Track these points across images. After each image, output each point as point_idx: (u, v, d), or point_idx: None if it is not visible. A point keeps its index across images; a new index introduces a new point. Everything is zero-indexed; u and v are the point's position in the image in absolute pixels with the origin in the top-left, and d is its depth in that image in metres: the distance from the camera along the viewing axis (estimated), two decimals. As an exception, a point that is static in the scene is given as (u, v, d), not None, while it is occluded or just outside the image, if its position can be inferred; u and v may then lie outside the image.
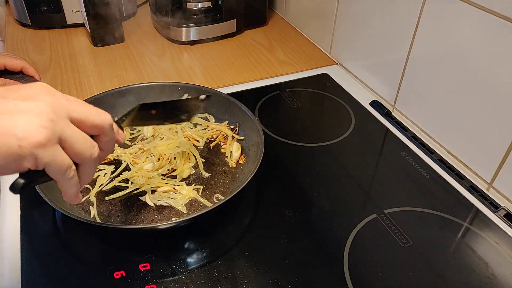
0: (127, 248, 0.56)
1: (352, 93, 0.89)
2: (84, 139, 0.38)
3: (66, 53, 1.00)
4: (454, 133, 0.71)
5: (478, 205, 0.64)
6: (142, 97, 0.76)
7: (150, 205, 0.61)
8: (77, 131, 0.37)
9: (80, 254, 0.56)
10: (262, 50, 1.04)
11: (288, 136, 0.77)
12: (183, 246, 0.57)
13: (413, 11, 0.73)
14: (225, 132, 0.73)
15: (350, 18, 0.91)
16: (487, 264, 0.56)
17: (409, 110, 0.81)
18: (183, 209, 0.60)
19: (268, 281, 0.52)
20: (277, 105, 0.86)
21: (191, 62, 0.98)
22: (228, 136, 0.72)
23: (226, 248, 0.57)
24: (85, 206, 0.61)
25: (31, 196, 0.60)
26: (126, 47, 1.03)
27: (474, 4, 0.61)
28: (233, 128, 0.74)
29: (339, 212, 0.63)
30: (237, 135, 0.73)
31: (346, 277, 0.53)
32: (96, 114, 0.39)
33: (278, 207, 0.63)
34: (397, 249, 0.57)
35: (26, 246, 0.56)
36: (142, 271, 0.53)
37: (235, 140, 0.72)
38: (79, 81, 0.90)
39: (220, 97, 0.75)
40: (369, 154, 0.74)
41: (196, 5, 1.03)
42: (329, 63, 1.00)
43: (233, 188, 0.64)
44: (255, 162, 0.61)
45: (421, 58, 0.74)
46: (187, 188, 0.63)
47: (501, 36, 0.59)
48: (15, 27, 1.11)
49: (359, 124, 0.80)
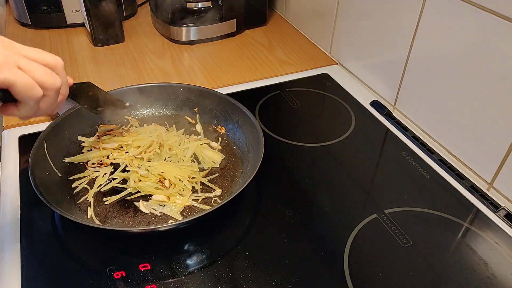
0: (127, 248, 0.56)
1: (352, 93, 0.89)
2: (44, 70, 0.44)
3: (66, 53, 1.00)
4: (454, 133, 0.71)
5: (478, 205, 0.64)
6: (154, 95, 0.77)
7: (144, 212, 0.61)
8: (35, 64, 0.43)
9: (80, 254, 0.56)
10: (262, 50, 1.04)
11: (288, 136, 0.77)
12: (183, 246, 0.57)
13: (414, 11, 0.73)
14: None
15: (350, 18, 0.91)
16: (487, 264, 0.56)
17: (409, 110, 0.80)
18: (178, 217, 0.60)
19: (268, 281, 0.52)
20: (277, 105, 0.86)
21: (191, 62, 0.98)
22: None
23: (226, 248, 0.57)
24: (83, 207, 0.61)
25: (31, 197, 0.60)
26: (126, 47, 1.03)
27: (474, 4, 0.61)
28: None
29: (339, 212, 0.62)
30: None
31: (346, 277, 0.53)
32: (48, 54, 0.45)
33: (278, 207, 0.63)
34: (397, 249, 0.57)
35: (26, 246, 0.56)
36: (142, 271, 0.53)
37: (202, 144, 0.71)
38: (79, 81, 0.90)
39: (220, 97, 0.74)
40: (369, 154, 0.74)
41: (196, 5, 1.03)
42: (329, 63, 1.00)
43: (232, 191, 0.64)
44: (255, 164, 0.61)
45: (421, 58, 0.74)
46: (182, 198, 0.62)
47: (501, 36, 0.59)
48: (15, 27, 1.11)
49: (359, 124, 0.80)
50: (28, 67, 0.43)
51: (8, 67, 0.41)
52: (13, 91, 0.42)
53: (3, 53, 0.41)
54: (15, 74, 0.41)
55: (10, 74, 0.41)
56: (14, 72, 0.41)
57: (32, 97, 0.43)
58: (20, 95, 0.42)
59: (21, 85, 0.41)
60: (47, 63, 0.45)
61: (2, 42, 0.43)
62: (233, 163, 0.69)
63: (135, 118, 0.76)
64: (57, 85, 0.45)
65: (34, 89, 0.43)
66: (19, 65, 0.42)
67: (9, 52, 0.42)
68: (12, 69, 0.41)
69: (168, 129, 0.74)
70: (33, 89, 0.43)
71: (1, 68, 0.40)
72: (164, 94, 0.77)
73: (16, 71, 0.42)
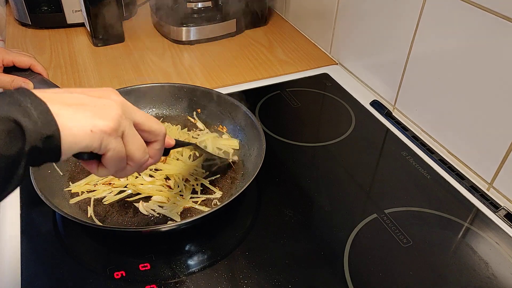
0: (127, 248, 0.56)
1: (352, 93, 0.89)
2: (140, 144, 0.42)
3: (66, 53, 1.00)
4: (454, 133, 0.71)
5: (478, 205, 0.64)
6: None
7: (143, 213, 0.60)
8: (137, 134, 0.41)
9: (80, 254, 0.56)
10: (262, 50, 1.04)
11: (288, 136, 0.77)
12: (184, 246, 0.57)
13: (413, 10, 0.73)
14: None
15: (350, 18, 0.91)
16: (487, 264, 0.56)
17: (409, 110, 0.80)
18: (177, 218, 0.59)
19: (268, 281, 0.52)
20: (277, 105, 0.86)
21: (191, 62, 0.98)
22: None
23: (226, 248, 0.57)
24: (82, 206, 0.61)
25: (31, 196, 0.60)
26: (126, 47, 1.03)
27: (474, 4, 0.61)
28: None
29: (340, 212, 0.62)
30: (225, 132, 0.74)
31: (346, 277, 0.53)
32: (154, 121, 0.43)
33: (278, 207, 0.63)
34: (397, 249, 0.57)
35: (26, 246, 0.56)
36: (142, 271, 0.53)
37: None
38: (79, 81, 0.90)
39: (224, 98, 0.74)
40: (369, 154, 0.74)
41: (196, 5, 1.03)
42: (329, 63, 1.00)
43: (232, 193, 0.64)
44: (255, 167, 0.60)
45: (421, 58, 0.74)
46: (182, 200, 0.62)
47: (501, 36, 0.59)
48: (15, 27, 1.11)
49: (360, 124, 0.80)
50: (130, 138, 0.40)
51: (115, 134, 0.38)
52: (102, 156, 0.39)
53: (117, 115, 0.38)
54: (115, 144, 0.39)
55: (112, 143, 0.38)
56: (117, 142, 0.39)
57: (115, 167, 0.41)
58: (105, 162, 0.40)
59: (112, 155, 0.39)
60: (152, 130, 0.43)
61: (119, 98, 0.40)
62: (234, 164, 0.69)
63: None
64: (143, 162, 0.43)
65: (121, 161, 0.41)
66: (124, 133, 0.39)
67: (124, 114, 0.39)
68: (117, 138, 0.39)
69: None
70: (120, 161, 0.40)
71: (110, 134, 0.37)
72: (167, 94, 0.77)
73: (118, 141, 0.39)
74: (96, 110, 0.37)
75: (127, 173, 0.43)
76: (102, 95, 0.39)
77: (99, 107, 0.38)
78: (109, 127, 0.37)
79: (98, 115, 0.37)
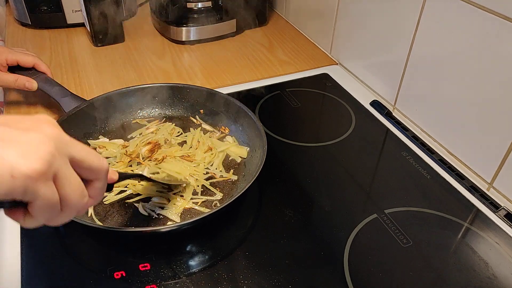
0: (127, 248, 0.56)
1: (352, 93, 0.89)
2: (77, 185, 0.35)
3: (66, 53, 1.00)
4: (454, 133, 0.71)
5: (478, 205, 0.64)
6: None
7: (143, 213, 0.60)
8: (74, 174, 0.35)
9: (80, 254, 0.56)
10: (262, 50, 1.04)
11: (288, 136, 0.77)
12: (184, 246, 0.57)
13: (414, 10, 0.73)
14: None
15: (351, 18, 0.91)
16: (487, 264, 0.56)
17: (409, 110, 0.80)
18: (177, 219, 0.59)
19: (268, 281, 0.52)
20: (277, 105, 0.86)
21: (191, 62, 0.98)
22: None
23: (226, 248, 0.57)
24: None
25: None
26: (126, 47, 1.03)
27: (475, 4, 0.61)
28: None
29: (340, 212, 0.62)
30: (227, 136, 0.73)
31: (346, 277, 0.53)
32: (95, 157, 0.37)
33: (278, 207, 0.63)
34: (397, 249, 0.57)
35: (26, 246, 0.56)
36: (142, 271, 0.53)
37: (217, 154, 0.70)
38: (79, 81, 0.90)
39: (227, 99, 0.74)
40: (369, 154, 0.74)
41: (196, 5, 1.03)
42: (329, 63, 1.00)
43: (232, 194, 0.64)
44: (256, 168, 0.60)
45: (421, 58, 0.74)
46: (182, 200, 0.62)
47: (501, 36, 0.59)
48: (15, 26, 1.11)
49: (360, 124, 0.80)
50: (65, 180, 0.33)
51: (44, 178, 0.31)
52: (28, 204, 0.33)
53: (48, 154, 0.31)
54: (44, 190, 0.32)
55: (40, 190, 0.31)
56: (46, 187, 0.32)
57: (45, 216, 0.34)
58: (33, 211, 0.33)
59: (41, 204, 0.32)
60: (92, 168, 0.37)
61: (53, 131, 0.33)
62: (235, 165, 0.69)
63: (141, 118, 0.77)
64: (80, 206, 0.36)
65: (53, 209, 0.34)
66: (57, 175, 0.33)
67: (58, 151, 0.32)
68: (47, 182, 0.32)
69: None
70: (52, 208, 0.33)
71: (37, 179, 0.31)
72: (170, 95, 0.77)
73: (48, 186, 0.32)
74: (19, 147, 0.30)
75: (61, 221, 0.37)
76: (31, 126, 0.32)
77: (24, 144, 0.31)
78: (35, 170, 0.30)
79: (22, 155, 0.30)
